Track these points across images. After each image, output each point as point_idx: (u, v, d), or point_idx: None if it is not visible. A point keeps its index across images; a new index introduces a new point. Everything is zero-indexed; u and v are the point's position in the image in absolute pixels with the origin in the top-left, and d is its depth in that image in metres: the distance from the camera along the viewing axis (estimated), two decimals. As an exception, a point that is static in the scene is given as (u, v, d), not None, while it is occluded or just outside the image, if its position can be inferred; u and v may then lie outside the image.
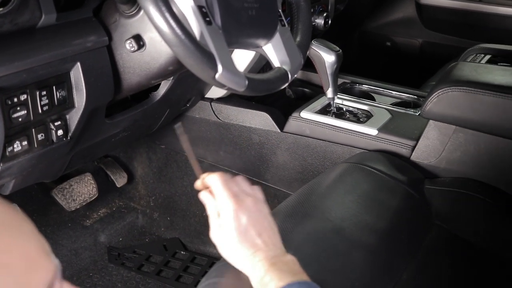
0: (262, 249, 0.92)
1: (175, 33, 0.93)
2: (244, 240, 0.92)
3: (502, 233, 1.34)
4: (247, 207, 0.95)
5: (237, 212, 0.93)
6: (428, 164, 1.55)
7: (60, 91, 1.11)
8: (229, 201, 0.94)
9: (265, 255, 0.91)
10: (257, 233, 0.93)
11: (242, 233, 0.93)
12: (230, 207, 0.94)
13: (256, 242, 0.93)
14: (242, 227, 0.93)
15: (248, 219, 0.94)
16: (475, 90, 1.42)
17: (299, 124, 1.72)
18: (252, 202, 0.96)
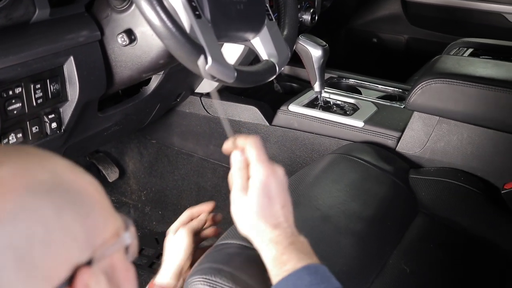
0: (282, 224, 0.90)
1: (166, 26, 0.97)
2: (269, 209, 0.90)
3: (484, 219, 1.38)
4: (278, 176, 0.92)
5: (269, 178, 0.91)
6: (413, 154, 1.59)
7: (53, 85, 1.14)
8: (264, 166, 0.91)
9: (284, 232, 0.90)
10: (281, 205, 0.92)
11: (268, 201, 0.90)
12: (264, 171, 0.91)
13: (278, 214, 0.91)
14: (270, 194, 0.90)
15: (276, 188, 0.91)
16: (458, 82, 1.46)
17: (287, 118, 1.76)
18: (282, 173, 0.94)
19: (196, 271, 1.02)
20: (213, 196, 1.99)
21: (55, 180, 0.53)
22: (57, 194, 0.52)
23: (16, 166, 0.52)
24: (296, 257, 0.86)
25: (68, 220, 0.52)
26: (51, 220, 0.50)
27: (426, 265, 1.20)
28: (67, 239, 0.51)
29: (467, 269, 1.24)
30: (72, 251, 0.52)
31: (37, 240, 0.49)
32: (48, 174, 0.53)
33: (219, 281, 0.97)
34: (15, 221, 0.48)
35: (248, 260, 1.02)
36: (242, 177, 0.93)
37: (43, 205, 0.51)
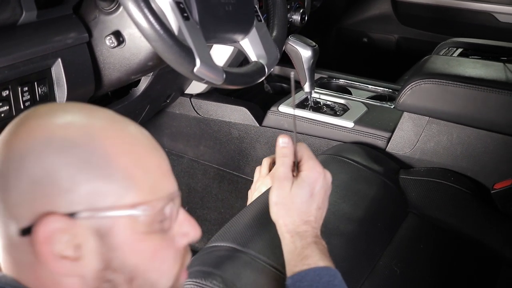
0: (311, 223, 0.93)
1: (154, 28, 0.96)
2: (306, 205, 0.93)
3: (474, 219, 1.39)
4: (326, 179, 0.97)
5: (319, 177, 0.95)
6: (403, 154, 1.59)
7: (41, 87, 1.13)
8: (318, 165, 0.96)
9: (311, 230, 0.93)
10: (318, 206, 0.95)
11: (310, 197, 0.93)
12: (317, 169, 0.95)
13: (312, 212, 0.94)
14: (314, 191, 0.94)
15: (321, 189, 0.95)
16: (447, 82, 1.47)
17: (277, 118, 1.76)
18: (329, 179, 0.98)
19: (186, 274, 1.02)
20: (203, 197, 1.99)
21: (84, 140, 0.60)
22: (75, 151, 0.59)
23: (62, 118, 0.63)
24: (318, 256, 0.89)
25: (70, 174, 0.58)
26: (53, 167, 0.58)
27: (416, 265, 1.20)
28: (56, 187, 0.58)
29: (458, 269, 1.25)
30: (55, 199, 0.58)
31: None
32: (80, 135, 0.60)
33: (209, 284, 0.97)
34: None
35: (239, 263, 1.02)
36: (287, 165, 0.96)
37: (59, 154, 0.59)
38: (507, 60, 1.59)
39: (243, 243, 1.06)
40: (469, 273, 1.25)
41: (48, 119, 0.61)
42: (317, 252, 0.89)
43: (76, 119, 0.62)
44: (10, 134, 0.61)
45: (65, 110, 0.64)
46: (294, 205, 0.93)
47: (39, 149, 0.59)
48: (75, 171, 0.58)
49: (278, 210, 0.95)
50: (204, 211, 2.00)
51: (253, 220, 1.13)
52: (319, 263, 0.88)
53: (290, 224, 0.93)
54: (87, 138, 0.60)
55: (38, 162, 0.58)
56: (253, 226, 1.12)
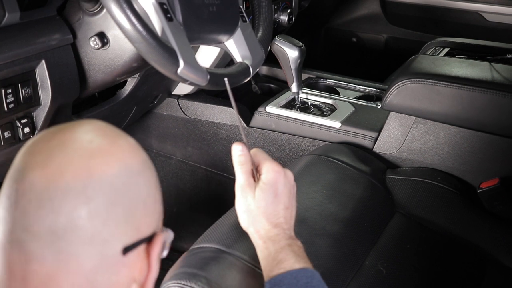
0: (282, 225, 0.93)
1: (137, 29, 0.96)
2: (272, 207, 0.93)
3: (460, 219, 1.39)
4: (287, 178, 0.96)
5: (279, 177, 0.94)
6: (390, 154, 1.59)
7: (25, 89, 1.13)
8: (276, 165, 0.95)
9: (283, 232, 0.92)
10: (285, 206, 0.95)
11: (274, 198, 0.93)
12: (276, 169, 0.94)
13: (280, 214, 0.94)
14: (277, 192, 0.94)
15: (284, 188, 0.95)
16: (433, 82, 1.47)
17: (264, 119, 1.75)
18: (291, 177, 0.98)
19: (171, 276, 1.02)
20: (192, 198, 1.98)
21: (148, 160, 0.67)
22: (153, 172, 0.67)
23: (130, 139, 0.67)
24: (294, 258, 0.89)
25: (157, 196, 0.66)
26: (151, 188, 0.65)
27: (402, 265, 1.20)
28: (154, 209, 0.65)
29: (444, 269, 1.25)
30: (154, 219, 0.65)
31: (142, 198, 0.63)
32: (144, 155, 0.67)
33: (193, 285, 0.97)
34: (137, 177, 0.63)
35: (224, 264, 1.02)
36: (246, 172, 0.96)
37: (150, 175, 0.65)
38: (493, 59, 1.60)
39: (228, 244, 1.06)
40: (456, 272, 1.25)
41: (121, 148, 0.64)
42: (292, 255, 0.89)
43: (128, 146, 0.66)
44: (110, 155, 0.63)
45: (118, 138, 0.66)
46: (261, 209, 0.93)
47: (135, 173, 0.63)
48: (156, 193, 0.66)
49: (247, 218, 0.95)
50: (192, 212, 1.99)
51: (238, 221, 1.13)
52: (295, 265, 0.88)
53: (261, 230, 0.93)
54: (148, 163, 0.66)
55: (138, 186, 0.63)
56: (238, 227, 1.11)
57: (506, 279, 1.28)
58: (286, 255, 0.89)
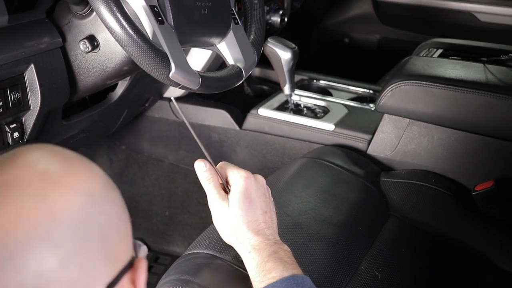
0: (264, 231, 0.92)
1: (127, 33, 0.94)
2: (249, 213, 0.92)
3: (455, 221, 1.38)
4: (258, 182, 0.96)
5: (249, 183, 0.94)
6: (384, 157, 1.58)
7: (14, 93, 1.11)
8: (243, 172, 0.94)
9: (266, 239, 0.91)
10: (262, 210, 0.94)
11: (249, 205, 0.93)
12: (244, 176, 0.94)
13: (259, 219, 0.93)
14: (251, 198, 0.93)
15: (257, 193, 0.94)
16: (427, 84, 1.46)
17: (257, 121, 1.74)
18: (263, 180, 0.97)
19: (164, 283, 1.01)
20: (184, 201, 1.97)
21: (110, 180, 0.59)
22: (118, 192, 0.59)
23: (89, 163, 0.58)
24: (281, 266, 0.87)
25: (126, 216, 0.58)
26: (120, 210, 0.57)
27: (397, 270, 1.19)
28: (127, 230, 0.58)
29: (439, 272, 1.24)
30: (130, 243, 0.58)
31: (114, 224, 0.55)
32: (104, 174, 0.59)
33: (186, 293, 0.96)
34: (104, 203, 0.55)
35: (217, 271, 1.01)
36: (215, 186, 0.95)
37: (117, 197, 0.58)
38: (487, 60, 1.59)
39: (221, 250, 1.05)
40: (451, 275, 1.25)
41: (88, 172, 0.57)
42: (279, 263, 0.88)
43: (89, 170, 0.58)
44: None
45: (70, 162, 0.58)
46: (239, 218, 0.92)
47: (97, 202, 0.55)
48: (125, 213, 0.59)
49: (226, 233, 0.95)
50: (185, 215, 1.98)
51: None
52: (284, 273, 0.86)
53: (245, 240, 0.92)
54: (109, 184, 0.58)
55: (106, 212, 0.55)
56: (232, 233, 1.10)
57: (502, 282, 1.27)
58: (274, 263, 0.88)
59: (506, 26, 2.41)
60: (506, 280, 1.27)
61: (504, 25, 2.41)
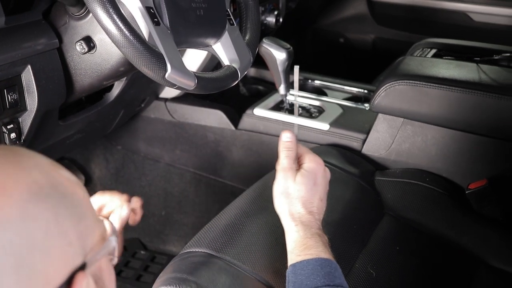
0: (315, 214, 0.97)
1: (124, 34, 0.95)
2: (310, 194, 0.97)
3: (449, 220, 1.40)
4: (326, 173, 1.03)
5: (320, 169, 1.00)
6: (379, 156, 1.59)
7: (11, 94, 1.11)
8: (319, 158, 1.01)
9: (314, 220, 0.96)
10: (320, 197, 0.99)
11: (313, 187, 0.98)
12: (319, 162, 1.00)
13: (315, 204, 0.98)
14: (317, 182, 0.99)
15: (322, 181, 1.00)
16: (421, 83, 1.47)
17: (253, 121, 1.75)
18: (329, 173, 1.04)
19: (161, 281, 1.01)
20: (180, 201, 1.98)
21: (52, 183, 0.53)
22: (55, 199, 0.52)
23: (16, 171, 0.52)
24: (322, 247, 0.92)
25: (65, 225, 0.52)
26: (51, 226, 0.50)
27: (392, 268, 1.20)
28: (65, 244, 0.51)
29: (433, 270, 1.25)
30: (69, 256, 0.52)
31: (37, 245, 0.49)
32: (46, 178, 0.53)
33: (183, 291, 0.97)
34: (17, 228, 0.48)
35: (214, 269, 1.02)
36: (291, 157, 1.01)
37: (44, 210, 0.51)
38: (480, 60, 1.60)
39: (218, 248, 1.06)
40: (445, 273, 1.26)
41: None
42: (320, 244, 0.92)
43: (25, 165, 0.54)
44: None
45: None
46: (299, 193, 0.97)
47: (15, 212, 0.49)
48: (65, 220, 0.52)
49: (283, 200, 0.98)
50: (181, 215, 1.99)
51: (229, 225, 1.13)
52: (321, 254, 0.91)
53: (296, 213, 0.96)
54: (52, 181, 0.53)
55: (23, 234, 0.49)
56: (229, 232, 1.11)
57: (495, 280, 1.28)
58: (316, 243, 0.92)
59: (500, 26, 2.42)
60: (500, 278, 1.29)
61: (498, 25, 2.43)
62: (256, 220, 1.18)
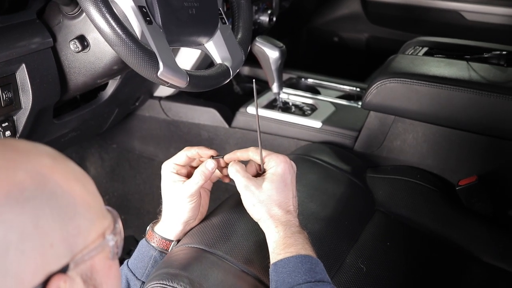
0: (292, 212, 0.98)
1: (116, 33, 0.97)
2: (283, 195, 0.98)
3: (440, 216, 1.41)
4: (293, 168, 1.02)
5: (287, 167, 1.00)
6: (370, 153, 1.61)
7: (6, 93, 1.13)
8: (281, 156, 1.01)
9: (293, 219, 0.98)
10: (293, 194, 1.00)
11: (284, 187, 0.99)
12: (283, 160, 1.00)
13: (290, 202, 0.99)
14: (287, 182, 0.99)
15: (291, 178, 1.01)
16: (412, 81, 1.49)
17: (246, 119, 1.77)
18: (295, 167, 1.04)
19: (154, 276, 1.02)
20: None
21: (39, 184, 0.53)
22: (38, 201, 0.52)
23: (2, 170, 0.52)
24: (301, 245, 0.93)
25: (47, 228, 0.52)
26: (27, 228, 0.51)
27: (383, 263, 1.22)
28: (43, 246, 0.52)
29: (424, 266, 1.27)
30: (47, 258, 0.52)
31: (11, 247, 0.49)
32: (33, 178, 0.53)
33: (176, 286, 0.98)
34: None
35: (206, 264, 1.02)
36: (242, 176, 1.01)
37: (21, 213, 0.51)
38: (470, 58, 1.62)
39: (211, 244, 1.07)
40: (436, 269, 1.27)
41: None
42: (300, 241, 0.94)
43: (13, 163, 0.54)
44: None
45: None
46: (272, 197, 0.98)
47: None
48: (48, 222, 0.52)
49: (259, 209, 0.99)
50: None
51: (221, 221, 1.14)
52: (301, 251, 0.92)
53: (275, 215, 0.98)
54: (40, 181, 0.53)
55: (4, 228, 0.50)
56: (221, 227, 1.12)
57: (485, 274, 1.29)
58: (295, 241, 0.94)
59: (493, 24, 2.44)
60: (489, 273, 1.30)
61: (491, 24, 2.44)
62: (248, 217, 1.18)
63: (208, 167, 1.05)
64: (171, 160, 1.09)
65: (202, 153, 1.09)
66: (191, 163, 1.11)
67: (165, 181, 1.08)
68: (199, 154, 1.10)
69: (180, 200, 1.06)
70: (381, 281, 1.18)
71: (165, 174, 1.08)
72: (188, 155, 1.09)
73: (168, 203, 1.09)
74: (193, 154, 1.10)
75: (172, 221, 1.09)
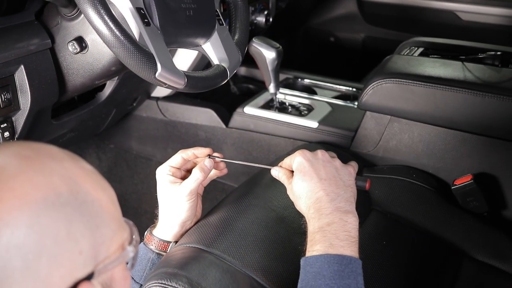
0: (322, 198, 0.99)
1: (114, 34, 0.97)
2: (305, 186, 1.01)
3: (435, 215, 1.42)
4: (316, 154, 1.06)
5: (301, 159, 1.03)
6: (366, 153, 1.62)
7: (4, 94, 1.13)
8: (296, 153, 1.06)
9: (317, 213, 0.97)
10: (319, 178, 1.01)
11: (303, 177, 1.01)
12: (297, 155, 1.05)
13: (317, 188, 1.00)
14: (304, 170, 1.02)
15: (311, 165, 1.03)
16: (407, 82, 1.50)
17: (243, 120, 1.77)
18: (321, 152, 1.07)
19: (152, 276, 1.03)
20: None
21: (72, 190, 0.54)
22: (71, 207, 0.53)
23: (38, 176, 0.53)
24: (328, 242, 0.91)
25: (78, 234, 0.53)
26: (61, 234, 0.52)
27: (378, 262, 1.22)
28: (74, 253, 0.53)
29: (420, 265, 1.27)
30: (76, 265, 0.53)
31: (45, 251, 0.51)
32: (67, 184, 0.54)
33: (174, 285, 0.98)
34: (28, 232, 0.50)
35: (204, 263, 1.03)
36: (283, 174, 1.07)
37: (57, 219, 0.52)
38: (465, 59, 1.63)
39: (209, 243, 1.08)
40: (431, 268, 1.28)
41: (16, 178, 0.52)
42: (328, 237, 0.91)
43: (49, 169, 0.55)
44: None
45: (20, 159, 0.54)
46: (298, 192, 1.01)
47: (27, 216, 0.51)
48: (79, 229, 0.54)
49: (296, 205, 1.04)
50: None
51: (219, 221, 1.15)
52: (328, 250, 0.89)
53: (304, 210, 1.00)
54: (73, 188, 0.55)
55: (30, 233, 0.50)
56: (218, 227, 1.13)
57: (480, 273, 1.30)
58: (321, 237, 0.92)
59: (488, 25, 2.45)
60: (484, 271, 1.31)
61: (486, 24, 2.45)
62: (245, 216, 1.20)
63: (207, 163, 1.07)
64: (166, 163, 1.11)
65: (198, 153, 1.11)
66: (186, 165, 1.13)
67: (161, 183, 1.10)
68: (195, 154, 1.11)
69: (178, 199, 1.07)
70: (377, 279, 1.19)
71: (161, 176, 1.10)
72: (184, 156, 1.11)
73: (166, 204, 1.10)
74: (189, 156, 1.12)
75: (170, 222, 1.10)
